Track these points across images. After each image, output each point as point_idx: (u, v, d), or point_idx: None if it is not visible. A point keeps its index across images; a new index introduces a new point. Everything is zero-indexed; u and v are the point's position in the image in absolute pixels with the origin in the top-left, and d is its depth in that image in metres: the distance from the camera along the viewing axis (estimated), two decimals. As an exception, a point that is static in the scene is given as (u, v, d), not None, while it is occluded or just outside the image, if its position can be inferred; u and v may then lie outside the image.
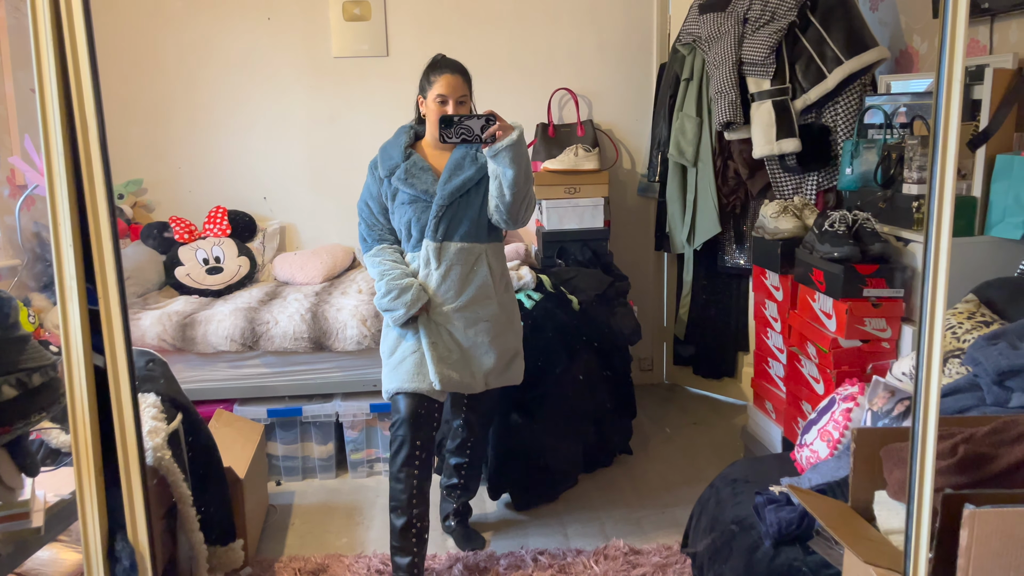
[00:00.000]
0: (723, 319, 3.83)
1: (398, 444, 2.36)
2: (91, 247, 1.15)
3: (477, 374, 2.42)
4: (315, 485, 3.15)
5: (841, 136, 3.23)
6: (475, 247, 2.39)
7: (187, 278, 3.48)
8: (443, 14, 3.85)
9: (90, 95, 1.11)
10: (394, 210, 2.41)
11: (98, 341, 1.17)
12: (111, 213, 1.17)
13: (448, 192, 2.34)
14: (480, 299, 2.40)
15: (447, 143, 2.30)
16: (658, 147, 3.76)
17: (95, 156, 1.13)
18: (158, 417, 1.94)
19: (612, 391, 3.17)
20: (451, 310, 2.38)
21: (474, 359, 2.41)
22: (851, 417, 2.21)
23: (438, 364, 2.34)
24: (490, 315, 2.42)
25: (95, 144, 1.12)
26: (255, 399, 3.13)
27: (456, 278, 2.37)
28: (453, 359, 2.38)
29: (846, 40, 3.16)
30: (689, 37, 3.53)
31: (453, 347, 2.39)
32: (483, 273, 2.41)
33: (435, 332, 2.37)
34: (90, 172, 1.13)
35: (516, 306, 2.56)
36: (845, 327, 2.46)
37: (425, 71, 2.39)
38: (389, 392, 2.40)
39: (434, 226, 2.35)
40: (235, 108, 3.86)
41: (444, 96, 2.32)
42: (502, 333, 2.45)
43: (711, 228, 3.55)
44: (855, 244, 2.47)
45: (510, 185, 2.29)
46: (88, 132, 1.12)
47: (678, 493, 2.99)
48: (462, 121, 2.26)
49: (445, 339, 2.38)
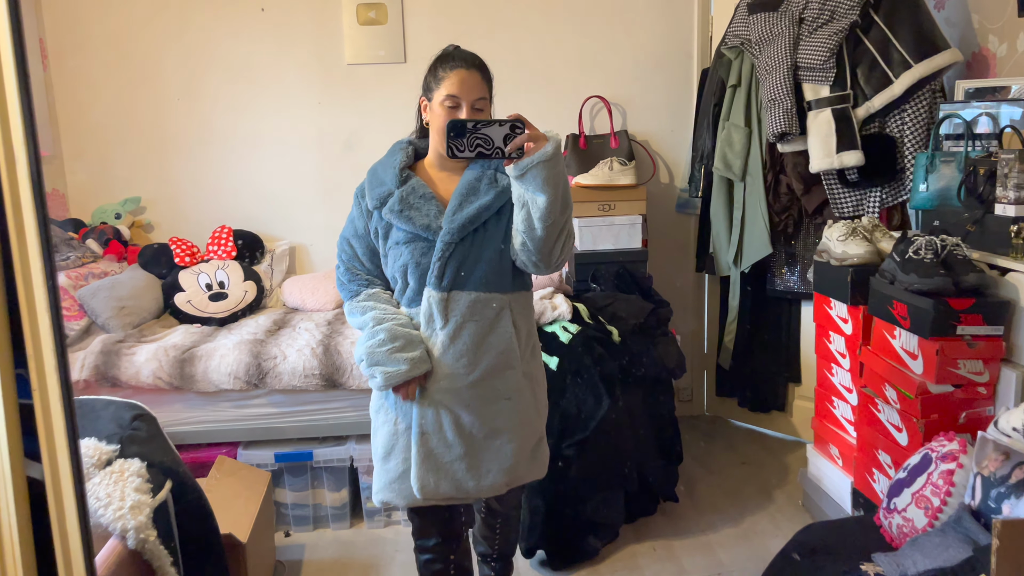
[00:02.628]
0: (772, 348, 3.50)
1: (426, 570, 2.01)
2: (20, 319, 0.85)
3: (491, 473, 1.87)
4: (327, 536, 2.85)
5: (909, 148, 2.91)
6: (494, 298, 1.83)
7: (188, 305, 3.19)
8: (464, 17, 3.55)
9: (16, 112, 0.81)
10: (386, 252, 1.88)
11: (33, 445, 0.87)
12: (48, 266, 0.87)
13: (458, 225, 1.80)
14: (501, 369, 1.85)
15: (458, 158, 1.74)
16: (701, 159, 3.45)
17: (24, 191, 0.82)
18: (142, 488, 1.64)
19: (656, 433, 2.85)
20: (464, 386, 1.83)
21: (488, 453, 1.86)
22: (954, 481, 1.88)
23: (423, 464, 1.84)
24: (513, 390, 1.87)
25: (23, 172, 0.82)
26: (261, 442, 2.83)
27: (470, 340, 1.82)
28: (449, 457, 1.85)
29: (915, 41, 2.85)
30: (736, 39, 3.22)
31: (454, 441, 1.84)
32: (506, 333, 1.85)
33: (430, 419, 1.84)
34: (18, 214, 0.83)
35: (543, 375, 2.03)
36: (935, 370, 2.13)
37: (432, 65, 1.85)
38: (392, 502, 1.92)
39: (439, 270, 1.80)
40: (240, 119, 3.58)
41: (456, 98, 1.78)
42: (527, 413, 1.92)
43: (761, 249, 3.23)
44: (946, 274, 2.14)
45: (542, 216, 1.72)
46: (13, 151, 0.82)
47: (733, 551, 2.67)
48: (478, 128, 1.70)
49: (445, 429, 1.84)
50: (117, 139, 3.54)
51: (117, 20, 3.47)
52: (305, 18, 3.52)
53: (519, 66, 3.58)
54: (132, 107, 3.53)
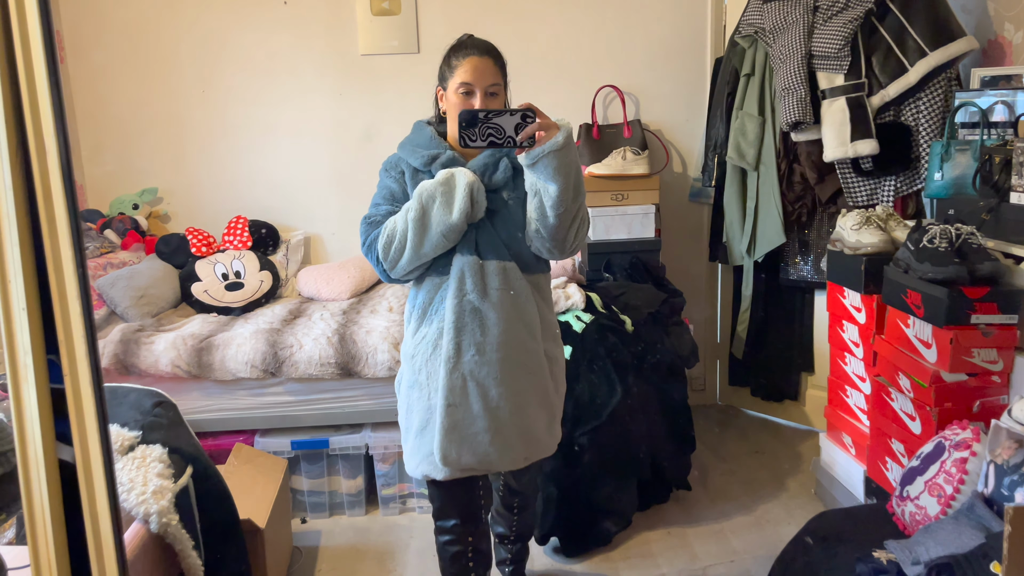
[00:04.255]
0: (785, 337, 3.51)
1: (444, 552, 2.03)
2: (52, 306, 0.87)
3: (511, 447, 1.89)
4: (343, 523, 2.88)
5: (924, 136, 2.90)
6: (520, 273, 1.89)
7: (205, 295, 3.22)
8: (478, 6, 3.56)
9: (47, 106, 0.83)
10: None
11: (64, 428, 0.90)
12: (79, 255, 0.89)
13: (496, 182, 1.86)
14: (526, 343, 1.89)
15: (470, 146, 1.76)
16: (714, 149, 3.44)
17: (55, 182, 0.85)
18: (164, 474, 1.68)
19: (669, 421, 2.87)
20: (493, 358, 1.84)
21: (510, 427, 1.87)
22: (967, 469, 1.89)
23: (448, 435, 1.85)
24: (537, 365, 1.92)
25: (54, 163, 0.84)
26: (278, 430, 2.86)
27: (501, 308, 1.85)
28: (474, 429, 1.86)
29: (930, 29, 2.83)
30: (750, 28, 3.21)
31: (479, 413, 1.85)
32: (532, 308, 1.90)
33: (458, 390, 1.85)
34: (49, 204, 0.85)
35: (563, 356, 2.07)
36: (949, 358, 2.14)
37: (446, 54, 1.90)
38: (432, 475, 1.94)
39: (473, 237, 1.84)
40: (255, 111, 3.60)
41: (469, 85, 1.81)
42: (546, 390, 1.96)
43: (775, 238, 3.23)
44: (961, 263, 2.14)
45: (555, 204, 1.75)
46: (44, 143, 0.84)
47: (746, 538, 2.68)
48: (490, 118, 1.72)
49: (471, 401, 1.85)
50: (134, 130, 3.57)
51: (133, 12, 3.50)
52: (319, 9, 3.53)
53: (533, 56, 3.58)
54: (149, 99, 3.56)
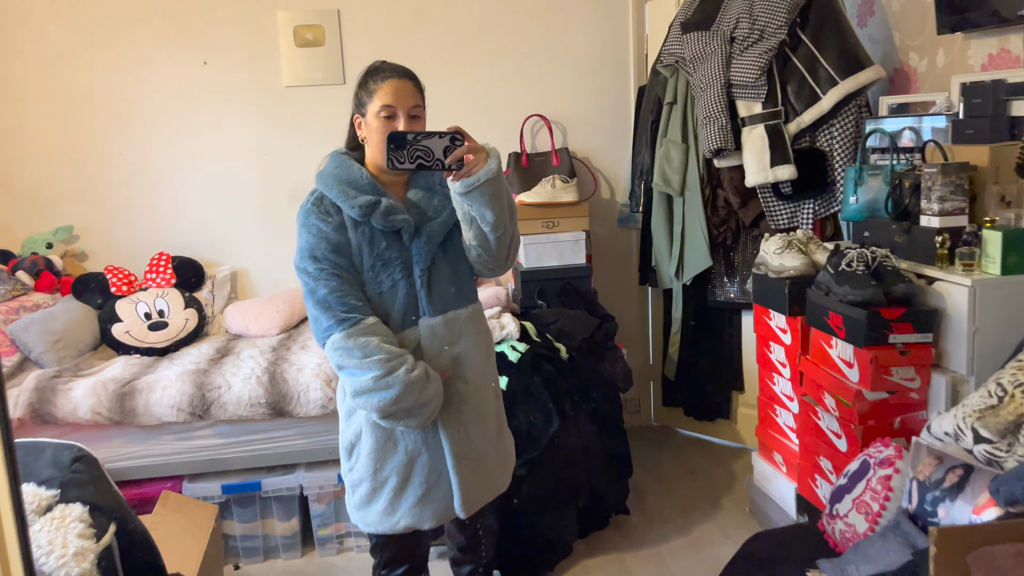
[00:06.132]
0: (715, 357, 3.58)
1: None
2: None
3: (486, 485, 1.95)
4: (278, 567, 2.80)
5: (838, 161, 3.01)
6: (467, 311, 1.89)
7: (127, 336, 3.10)
8: (403, 37, 3.55)
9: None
10: (371, 265, 1.78)
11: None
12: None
13: (434, 231, 1.81)
14: (489, 381, 1.95)
15: (398, 169, 1.71)
16: (640, 175, 3.51)
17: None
18: (85, 534, 1.59)
19: (606, 447, 2.89)
20: (473, 402, 1.89)
21: (484, 467, 1.93)
22: (891, 486, 1.95)
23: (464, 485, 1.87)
24: (495, 401, 1.97)
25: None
26: (207, 474, 2.77)
27: (473, 358, 1.88)
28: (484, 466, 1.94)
29: (840, 59, 2.96)
30: (671, 57, 3.29)
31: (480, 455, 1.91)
32: (483, 344, 1.92)
33: (461, 441, 1.86)
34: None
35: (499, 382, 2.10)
36: (870, 378, 2.21)
37: (362, 80, 1.82)
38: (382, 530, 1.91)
39: (427, 290, 1.81)
40: (176, 144, 3.51)
41: (392, 108, 1.75)
42: (503, 424, 2.03)
43: (701, 261, 3.30)
44: (877, 285, 2.23)
45: (493, 228, 1.75)
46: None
47: (684, 562, 2.71)
48: (418, 140, 1.68)
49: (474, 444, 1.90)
50: (47, 166, 3.43)
51: (46, 44, 3.37)
52: (241, 40, 3.47)
53: (459, 86, 3.59)
54: (62, 132, 3.43)
